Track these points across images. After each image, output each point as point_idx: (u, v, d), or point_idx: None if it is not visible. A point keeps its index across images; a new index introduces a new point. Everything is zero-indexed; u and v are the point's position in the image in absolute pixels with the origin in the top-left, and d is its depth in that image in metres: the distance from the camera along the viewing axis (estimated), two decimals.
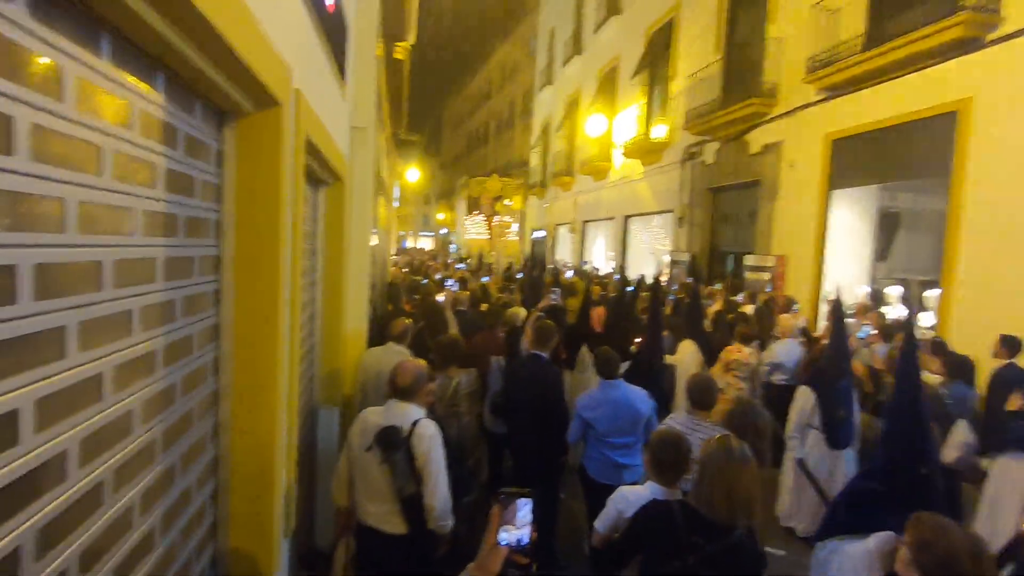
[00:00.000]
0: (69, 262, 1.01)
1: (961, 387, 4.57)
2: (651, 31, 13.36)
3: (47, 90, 0.93)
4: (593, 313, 6.07)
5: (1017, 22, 5.67)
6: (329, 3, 2.66)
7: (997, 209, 5.79)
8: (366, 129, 4.29)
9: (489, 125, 35.41)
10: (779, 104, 9.06)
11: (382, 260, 10.12)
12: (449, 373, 3.91)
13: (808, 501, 4.31)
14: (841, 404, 4.05)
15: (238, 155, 1.79)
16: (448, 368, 3.91)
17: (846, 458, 4.21)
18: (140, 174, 1.27)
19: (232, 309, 1.83)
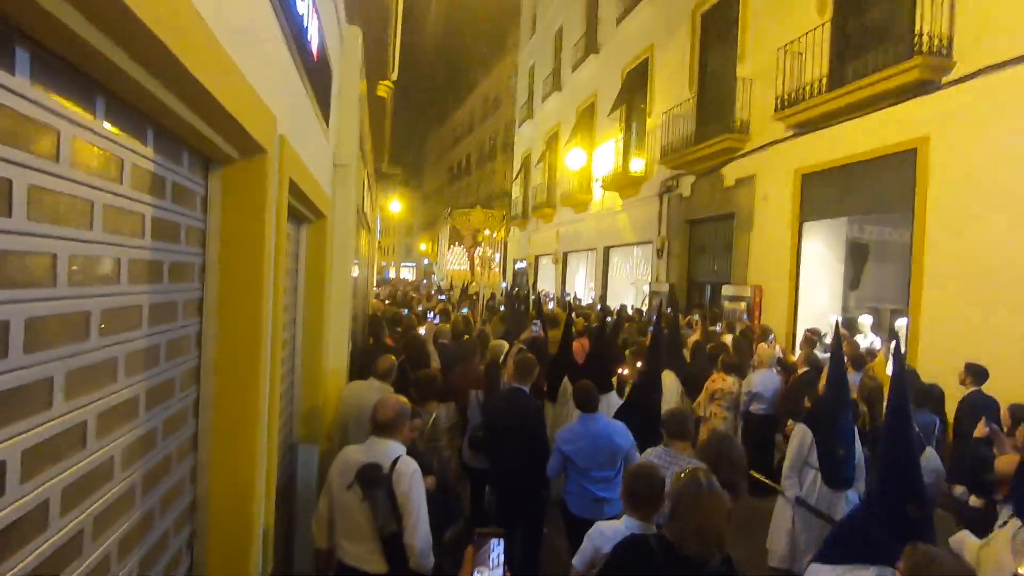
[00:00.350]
0: (59, 314, 1.04)
1: (926, 415, 4.68)
2: (627, 70, 13.85)
3: (45, 152, 0.98)
4: (576, 345, 6.13)
5: (969, 66, 6.03)
6: (314, 51, 2.76)
7: (958, 241, 6.05)
8: (349, 167, 4.37)
9: (471, 157, 35.95)
10: (751, 139, 9.41)
11: (364, 292, 10.11)
12: (428, 408, 3.90)
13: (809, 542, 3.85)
14: (841, 442, 3.75)
15: (223, 201, 1.85)
16: (427, 403, 3.91)
17: (847, 498, 3.86)
18: (129, 225, 1.32)
19: (214, 351, 1.85)
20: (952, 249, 6.11)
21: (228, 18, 1.50)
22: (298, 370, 3.89)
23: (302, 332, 3.88)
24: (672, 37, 11.93)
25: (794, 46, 8.13)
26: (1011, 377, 5.07)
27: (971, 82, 5.99)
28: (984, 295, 5.73)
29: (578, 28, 17.16)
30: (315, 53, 2.81)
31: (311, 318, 3.91)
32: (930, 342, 6.34)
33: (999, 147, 5.66)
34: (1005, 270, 5.53)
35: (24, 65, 0.92)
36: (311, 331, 3.91)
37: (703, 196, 10.81)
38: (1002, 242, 5.58)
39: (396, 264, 46.77)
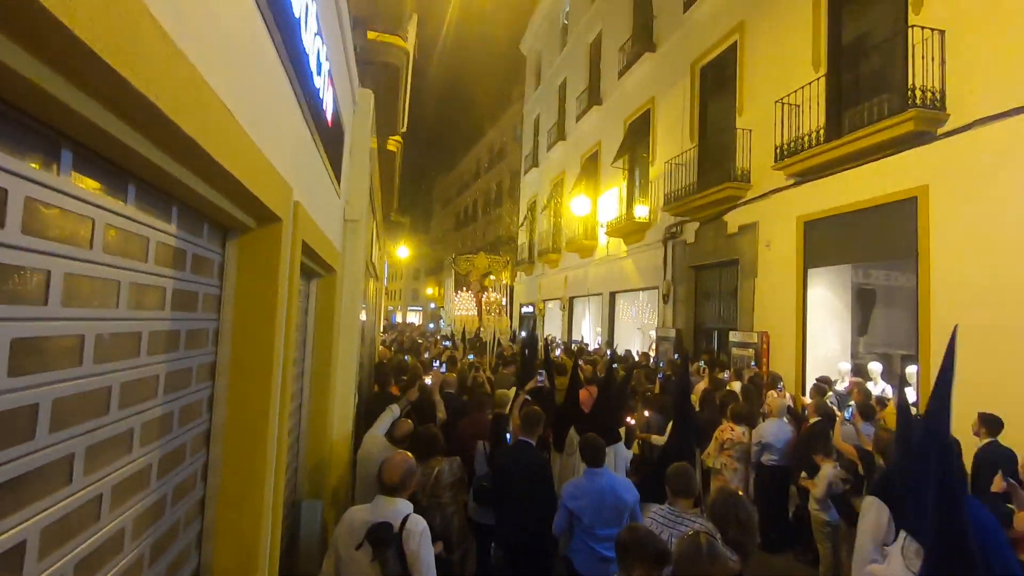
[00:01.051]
0: (82, 392, 1.09)
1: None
2: (629, 120, 14.26)
3: (81, 241, 1.06)
4: (583, 393, 6.08)
5: (962, 118, 6.19)
6: (329, 118, 2.91)
7: (962, 288, 6.05)
8: (358, 221, 4.50)
9: (478, 203, 36.63)
10: (753, 187, 9.58)
11: (370, 338, 10.14)
12: (431, 464, 3.84)
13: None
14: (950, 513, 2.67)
15: (239, 267, 1.92)
16: (430, 459, 3.85)
17: None
18: (152, 299, 1.38)
19: (224, 414, 1.89)
20: (958, 296, 6.11)
21: (249, 99, 1.60)
22: (304, 424, 3.90)
23: (310, 386, 3.91)
24: (672, 90, 12.32)
25: (791, 98, 8.38)
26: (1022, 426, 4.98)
27: (966, 133, 6.13)
28: (993, 342, 5.69)
29: (581, 81, 17.78)
30: (329, 120, 2.95)
31: (319, 371, 3.94)
32: None
33: (999, 196, 5.74)
34: (1013, 317, 5.52)
35: (67, 163, 1.00)
36: (319, 385, 3.94)
37: (707, 243, 10.92)
38: (1007, 290, 5.59)
39: (403, 308, 46.94)
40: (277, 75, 1.91)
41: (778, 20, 9.14)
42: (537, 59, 23.56)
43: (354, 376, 4.92)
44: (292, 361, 2.58)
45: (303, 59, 2.15)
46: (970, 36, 6.13)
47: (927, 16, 6.58)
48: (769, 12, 9.38)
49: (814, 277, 8.59)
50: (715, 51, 10.84)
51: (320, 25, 2.50)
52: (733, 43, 10.29)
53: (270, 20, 1.69)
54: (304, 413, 3.86)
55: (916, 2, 6.77)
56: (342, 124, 3.70)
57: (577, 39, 18.43)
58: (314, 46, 2.36)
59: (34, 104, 0.83)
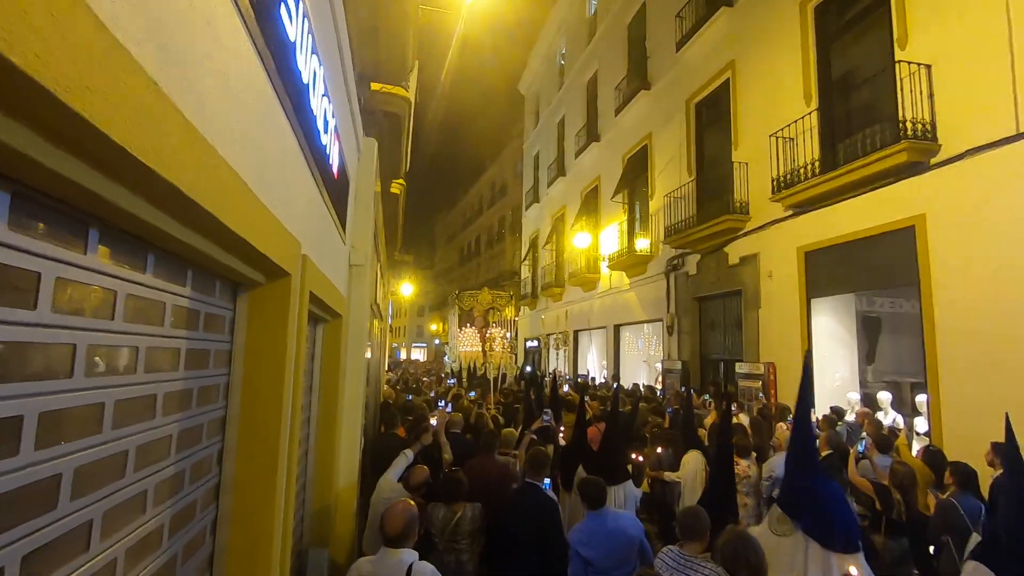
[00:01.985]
0: (102, 459, 1.13)
1: (971, 499, 4.45)
2: (627, 156, 14.54)
3: (104, 314, 1.11)
4: (592, 430, 6.01)
5: (954, 148, 6.31)
6: (335, 171, 3.01)
7: (964, 314, 6.06)
8: (363, 266, 4.58)
9: (480, 239, 36.98)
10: (752, 219, 9.69)
11: (376, 378, 10.13)
12: (453, 508, 3.78)
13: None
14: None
15: (248, 322, 1.97)
16: (454, 503, 3.78)
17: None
18: (167, 361, 1.43)
19: (234, 467, 1.91)
20: (962, 323, 6.11)
21: (262, 165, 1.69)
22: (311, 470, 3.89)
23: (316, 431, 3.92)
24: (668, 125, 12.60)
25: (785, 132, 8.56)
26: None
27: (959, 163, 6.24)
28: (999, 367, 5.66)
29: (579, 119, 18.19)
30: (336, 173, 3.06)
31: (325, 416, 3.96)
32: (954, 417, 6.19)
33: (994, 223, 5.79)
34: (1018, 342, 5.50)
35: (94, 242, 1.07)
36: (325, 430, 3.94)
37: (709, 274, 10.98)
38: (1010, 315, 5.59)
39: (407, 345, 46.85)
40: (287, 139, 2.00)
41: (768, 57, 9.41)
42: (535, 98, 24.16)
43: (360, 419, 4.92)
44: (299, 408, 2.61)
45: (311, 121, 2.26)
46: (955, 69, 6.30)
47: (913, 51, 6.78)
48: (759, 50, 9.67)
49: (818, 306, 8.59)
50: (708, 88, 11.13)
51: (327, 86, 2.63)
52: (725, 80, 10.57)
53: (280, 89, 1.79)
54: (310, 459, 3.85)
55: (901, 38, 6.98)
56: (347, 174, 3.82)
57: (574, 78, 18.95)
58: (321, 106, 2.47)
59: (68, 193, 0.90)
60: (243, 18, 1.36)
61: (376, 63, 4.61)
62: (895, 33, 7.07)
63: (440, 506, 3.73)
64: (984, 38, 5.96)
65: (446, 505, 3.73)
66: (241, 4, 1.33)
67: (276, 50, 1.63)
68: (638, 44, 14.41)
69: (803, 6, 8.61)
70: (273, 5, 1.58)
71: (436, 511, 3.72)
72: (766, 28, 9.48)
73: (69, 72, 0.67)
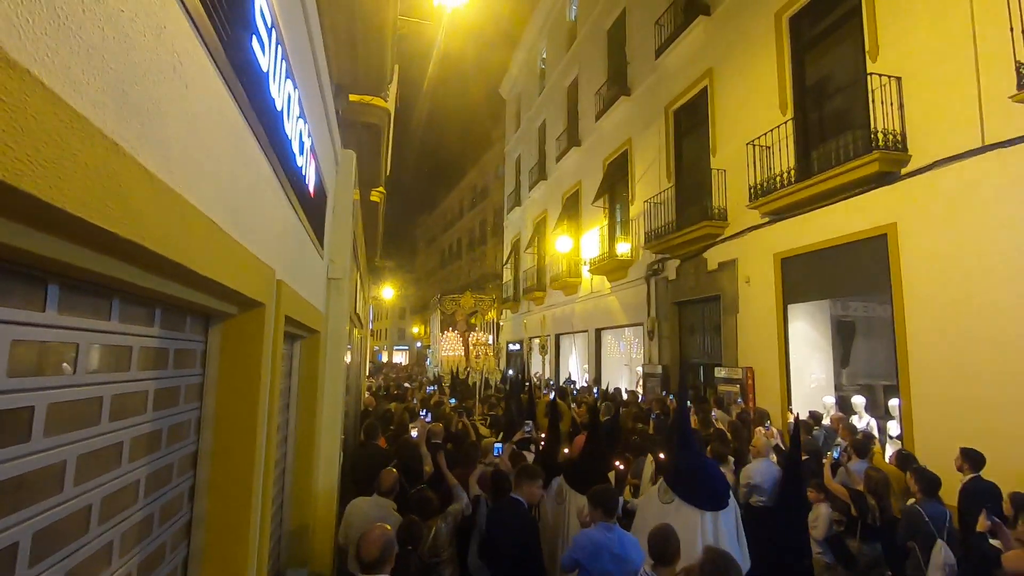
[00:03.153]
0: (62, 519, 1.09)
1: (937, 505, 4.53)
2: (608, 161, 14.64)
3: (65, 369, 1.08)
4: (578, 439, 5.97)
5: (923, 159, 6.48)
6: (311, 190, 2.98)
7: (934, 320, 6.22)
8: (341, 279, 4.53)
9: (462, 241, 36.89)
10: (730, 225, 9.82)
11: (356, 386, 10.03)
12: (428, 524, 3.77)
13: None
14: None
15: (221, 354, 1.93)
16: (427, 520, 3.79)
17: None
18: (134, 406, 1.40)
19: (206, 504, 1.87)
20: (933, 328, 6.26)
21: (233, 197, 1.66)
22: (288, 489, 3.83)
23: (294, 450, 3.86)
24: (648, 131, 12.71)
25: (762, 140, 8.70)
26: (1008, 456, 5.06)
27: (928, 173, 6.40)
28: (968, 371, 5.82)
29: (560, 123, 18.26)
30: (312, 192, 3.02)
31: (303, 433, 3.90)
32: (924, 421, 6.34)
33: (962, 232, 5.95)
34: (985, 348, 5.65)
35: (53, 299, 1.03)
36: (303, 448, 3.89)
37: (688, 279, 11.09)
38: (978, 320, 5.74)
39: (389, 348, 46.52)
40: (261, 167, 1.97)
41: (744, 66, 9.56)
42: (517, 102, 24.19)
43: (339, 433, 4.87)
44: (276, 429, 2.57)
45: (286, 145, 2.23)
46: (924, 82, 6.46)
47: (883, 63, 6.94)
48: (736, 59, 9.81)
49: (794, 311, 8.74)
50: (687, 95, 11.26)
51: (303, 106, 2.59)
52: (703, 88, 10.70)
53: (253, 119, 1.75)
54: (288, 479, 3.80)
55: (872, 50, 7.14)
56: (325, 189, 3.78)
57: (555, 83, 19.01)
58: (296, 128, 2.44)
59: (23, 258, 0.87)
60: (212, 56, 1.33)
61: (354, 74, 4.57)
62: (866, 46, 7.23)
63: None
64: (951, 53, 6.13)
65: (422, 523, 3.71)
66: (209, 42, 1.30)
67: (248, 83, 1.60)
68: (618, 50, 14.52)
69: (778, 17, 8.75)
70: (243, 39, 1.55)
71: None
72: (743, 38, 9.62)
73: (20, 152, 0.65)
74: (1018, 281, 5.38)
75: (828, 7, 8.10)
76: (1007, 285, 5.48)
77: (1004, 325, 5.48)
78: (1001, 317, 5.52)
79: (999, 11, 5.51)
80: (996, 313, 5.57)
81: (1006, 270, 5.49)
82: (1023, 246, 5.36)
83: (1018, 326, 5.36)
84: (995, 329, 5.57)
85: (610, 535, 3.37)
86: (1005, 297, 5.49)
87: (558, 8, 19.20)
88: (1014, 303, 5.41)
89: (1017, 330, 5.37)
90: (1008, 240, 5.50)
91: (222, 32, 1.37)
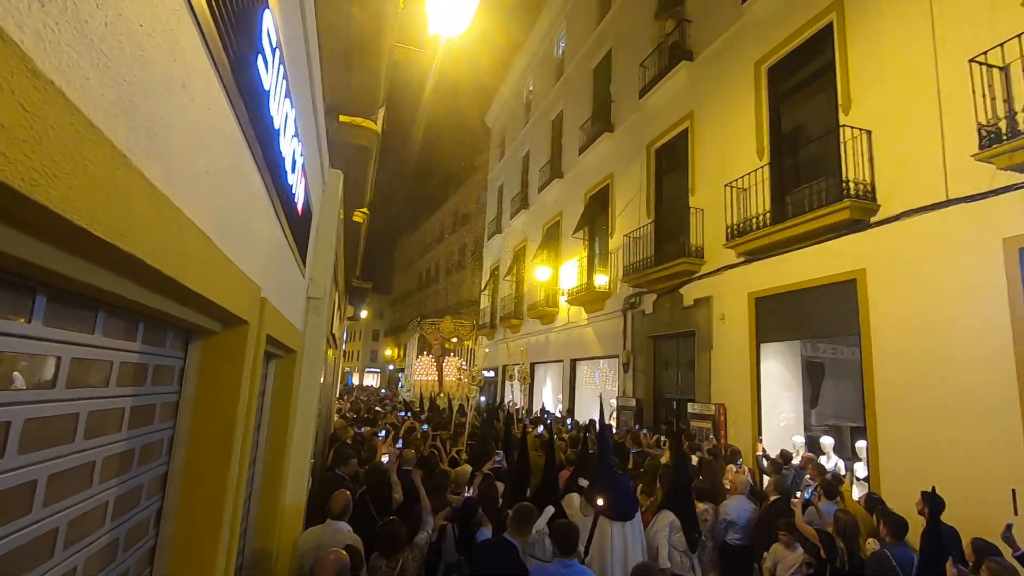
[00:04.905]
0: (29, 542, 1.04)
1: (904, 549, 4.55)
2: (589, 194, 14.91)
3: (42, 384, 1.04)
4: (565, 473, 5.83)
5: (892, 208, 6.76)
6: (300, 209, 2.96)
7: (899, 365, 6.40)
8: (321, 299, 4.47)
9: (440, 265, 36.82)
10: (707, 263, 10.03)
11: (326, 408, 9.79)
12: (395, 557, 3.65)
13: None
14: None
15: (200, 372, 1.88)
16: (394, 555, 3.66)
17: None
18: (110, 424, 1.34)
19: (172, 527, 1.79)
20: (899, 372, 6.43)
21: (227, 215, 1.64)
22: (254, 511, 3.69)
23: (262, 470, 3.74)
24: (630, 167, 13.01)
25: (739, 183, 8.97)
26: (965, 500, 5.18)
27: (896, 223, 6.67)
28: (932, 414, 5.97)
29: (543, 154, 18.57)
30: (300, 210, 3.00)
31: (272, 457, 3.78)
32: (890, 461, 6.46)
33: (927, 280, 6.19)
34: (950, 393, 5.82)
35: (40, 309, 1.00)
36: (271, 471, 3.77)
37: (664, 314, 11.24)
38: (942, 365, 5.93)
39: (360, 370, 45.71)
40: (255, 184, 1.96)
41: (724, 111, 9.91)
42: (502, 131, 24.58)
43: (309, 458, 4.73)
44: (247, 459, 2.48)
45: (280, 163, 2.22)
46: (892, 136, 6.79)
47: (855, 116, 7.28)
48: (716, 104, 10.18)
49: (766, 350, 8.89)
50: (668, 135, 11.59)
51: (297, 125, 2.60)
52: (684, 129, 11.04)
53: (251, 137, 1.75)
54: (254, 502, 3.66)
55: (845, 103, 7.49)
56: (311, 208, 3.76)
57: (540, 115, 19.40)
58: (290, 147, 2.43)
59: (22, 267, 0.84)
60: (219, 74, 1.34)
61: (347, 96, 4.59)
62: (839, 99, 7.58)
63: (380, 558, 3.62)
64: (918, 112, 6.46)
65: (386, 558, 3.61)
66: (218, 60, 1.31)
67: (250, 101, 1.60)
68: (603, 88, 14.93)
69: (758, 66, 9.14)
70: (250, 58, 1.56)
71: (379, 561, 3.61)
72: (723, 84, 10.00)
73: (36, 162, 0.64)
74: (979, 330, 5.60)
75: (805, 60, 8.50)
76: (969, 334, 5.69)
77: (965, 373, 5.67)
78: (961, 366, 5.72)
79: (962, 75, 5.85)
80: (958, 362, 5.76)
81: (968, 319, 5.71)
82: (983, 297, 5.59)
83: (977, 374, 5.55)
84: (957, 376, 5.75)
85: (566, 572, 3.31)
86: (967, 348, 5.69)
87: (547, 44, 19.74)
88: (975, 354, 5.61)
89: (976, 377, 5.56)
90: (969, 292, 5.73)
91: (230, 50, 1.38)
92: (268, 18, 1.70)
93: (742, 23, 9.65)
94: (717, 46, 10.29)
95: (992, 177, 5.58)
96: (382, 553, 3.59)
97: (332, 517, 3.99)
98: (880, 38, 7.11)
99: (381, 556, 3.59)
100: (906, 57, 6.70)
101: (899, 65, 6.80)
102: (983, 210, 5.66)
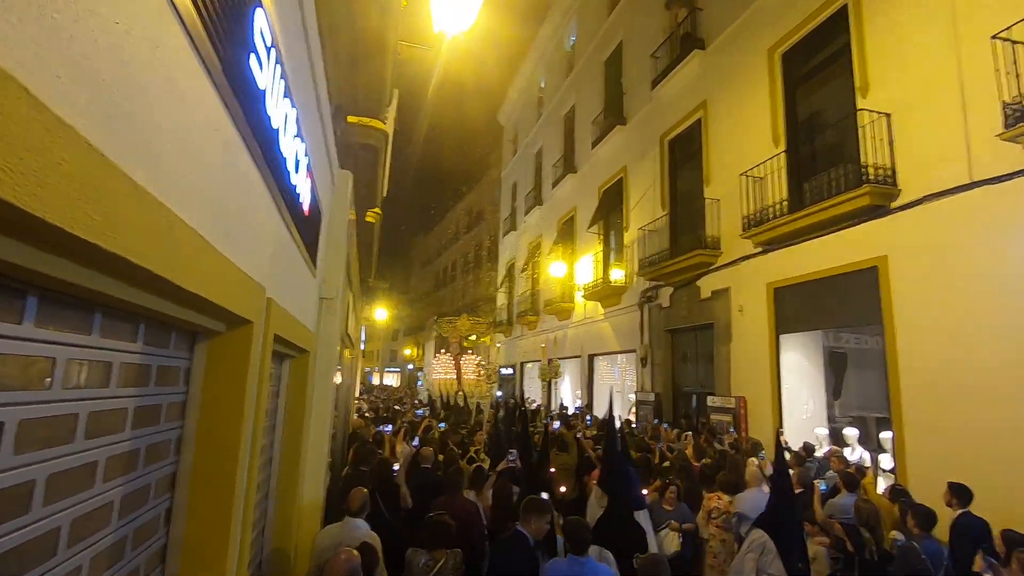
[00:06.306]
0: (29, 540, 1.05)
1: (933, 542, 4.43)
2: (603, 188, 14.79)
3: (36, 384, 1.04)
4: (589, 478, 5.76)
5: (914, 192, 6.57)
6: (306, 209, 2.97)
7: (925, 353, 6.23)
8: (334, 299, 4.50)
9: (456, 264, 36.89)
10: (723, 254, 9.88)
11: (345, 406, 9.88)
12: (436, 555, 3.50)
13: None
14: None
15: (206, 373, 1.90)
16: (436, 550, 3.51)
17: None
18: (112, 423, 1.35)
19: (183, 527, 1.81)
20: (924, 360, 6.26)
21: (225, 214, 1.64)
22: (271, 513, 3.73)
23: (277, 471, 3.77)
24: (643, 160, 12.87)
25: (755, 171, 8.81)
26: (1000, 486, 5.03)
27: (917, 208, 6.48)
28: (958, 403, 5.80)
29: (556, 150, 18.48)
30: (307, 210, 3.01)
31: (288, 456, 3.82)
32: (917, 454, 6.30)
33: (951, 265, 6.01)
34: (976, 380, 5.65)
35: (31, 310, 1.01)
36: (287, 470, 3.80)
37: (681, 307, 11.11)
38: (968, 353, 5.75)
39: (380, 370, 46.10)
40: (255, 184, 1.96)
41: (738, 99, 9.74)
42: (514, 128, 24.52)
43: (325, 457, 4.77)
44: (260, 451, 2.51)
45: (281, 163, 2.22)
46: (912, 119, 6.60)
47: (873, 99, 7.09)
48: (729, 92, 10.01)
49: (786, 342, 8.73)
50: (681, 126, 11.44)
51: (300, 125, 2.60)
52: (697, 119, 10.88)
53: (248, 136, 1.75)
54: (271, 502, 3.70)
55: (863, 87, 7.30)
56: (320, 209, 3.77)
57: (552, 111, 19.30)
58: (293, 147, 2.44)
59: (2, 268, 0.85)
60: (209, 73, 1.34)
61: (354, 96, 4.61)
62: (857, 82, 7.39)
63: (420, 552, 3.50)
64: (939, 92, 6.27)
65: (427, 552, 3.50)
66: (207, 59, 1.31)
67: (245, 100, 1.60)
68: (615, 80, 14.80)
69: (771, 52, 8.96)
70: (241, 57, 1.56)
71: (416, 557, 3.49)
72: (737, 72, 9.83)
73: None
74: (1005, 315, 5.42)
75: (820, 44, 8.31)
76: (995, 319, 5.52)
77: (992, 357, 5.51)
78: (988, 350, 5.55)
79: (984, 52, 5.66)
80: (985, 346, 5.59)
81: (994, 304, 5.54)
82: (1009, 281, 5.41)
83: (1005, 360, 5.39)
84: (984, 361, 5.59)
85: (580, 569, 3.27)
86: (994, 331, 5.53)
87: (557, 37, 19.62)
88: (1002, 337, 5.44)
89: (1005, 363, 5.39)
90: (995, 275, 5.55)
91: (220, 50, 1.38)
92: (261, 17, 1.70)
93: (754, 9, 9.46)
94: (729, 33, 10.11)
95: (1018, 156, 5.39)
96: (424, 546, 3.47)
97: (350, 515, 3.98)
98: (897, 17, 6.91)
99: (420, 550, 3.47)
100: (925, 35, 6.50)
101: (917, 44, 6.60)
102: (1009, 191, 5.47)
